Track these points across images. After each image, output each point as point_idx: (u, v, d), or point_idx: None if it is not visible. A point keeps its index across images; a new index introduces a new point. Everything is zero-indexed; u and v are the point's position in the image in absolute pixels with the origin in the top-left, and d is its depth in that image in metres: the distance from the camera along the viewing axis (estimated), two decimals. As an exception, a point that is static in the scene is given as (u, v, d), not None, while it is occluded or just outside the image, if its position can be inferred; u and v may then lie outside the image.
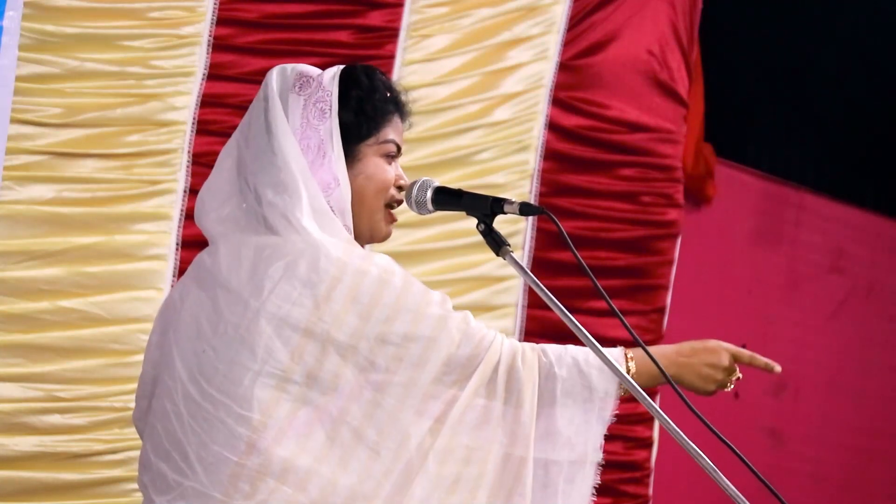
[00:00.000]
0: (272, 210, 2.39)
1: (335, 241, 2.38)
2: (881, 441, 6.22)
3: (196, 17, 3.95)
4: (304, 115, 2.45)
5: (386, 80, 2.55)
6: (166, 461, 2.38)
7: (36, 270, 3.70)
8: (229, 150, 2.50)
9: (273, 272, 2.34)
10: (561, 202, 4.66)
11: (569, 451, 2.47)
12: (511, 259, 2.45)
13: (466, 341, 2.40)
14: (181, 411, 2.37)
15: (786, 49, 5.82)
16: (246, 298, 2.35)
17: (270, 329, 2.32)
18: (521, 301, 4.54)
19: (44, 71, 3.73)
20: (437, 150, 4.40)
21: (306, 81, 2.47)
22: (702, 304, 5.45)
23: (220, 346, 2.35)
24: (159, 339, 2.49)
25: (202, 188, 2.52)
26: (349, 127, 2.47)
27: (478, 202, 2.50)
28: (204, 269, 2.44)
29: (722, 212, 5.60)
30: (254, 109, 2.49)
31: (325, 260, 2.33)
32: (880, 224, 6.28)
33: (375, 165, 2.51)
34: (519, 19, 4.58)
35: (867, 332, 6.18)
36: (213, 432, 2.33)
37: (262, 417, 2.30)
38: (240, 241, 2.41)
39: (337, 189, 2.44)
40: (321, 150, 2.44)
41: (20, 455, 3.66)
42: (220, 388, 2.33)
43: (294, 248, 2.35)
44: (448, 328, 2.39)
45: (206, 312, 2.39)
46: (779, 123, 5.97)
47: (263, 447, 2.30)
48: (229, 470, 2.31)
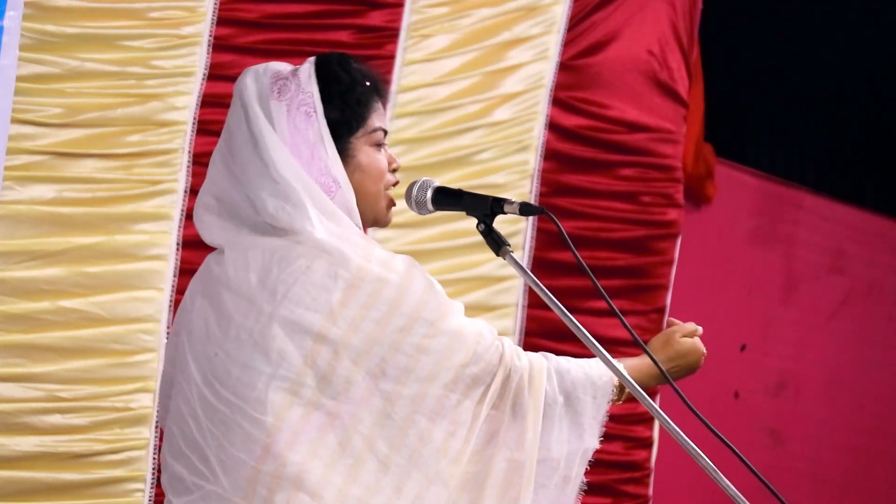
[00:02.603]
0: (276, 220, 2.37)
1: (353, 242, 2.36)
2: (881, 441, 6.22)
3: (196, 17, 3.95)
4: (289, 120, 2.40)
5: (362, 67, 2.50)
6: (183, 463, 2.37)
7: (37, 270, 3.70)
8: (214, 162, 2.46)
9: (286, 276, 2.32)
10: (561, 202, 4.66)
11: (558, 474, 2.50)
12: (511, 259, 2.45)
13: (477, 359, 2.39)
14: (198, 413, 2.36)
15: (785, 49, 5.82)
16: (259, 303, 2.33)
17: (283, 333, 2.31)
18: (522, 301, 4.55)
19: (44, 71, 3.73)
20: (437, 150, 4.40)
21: (284, 85, 2.43)
22: (702, 304, 5.45)
23: (233, 350, 2.34)
24: (174, 337, 2.49)
25: (196, 203, 2.47)
26: (336, 124, 2.44)
27: (478, 202, 2.50)
28: (210, 273, 2.43)
29: (722, 212, 5.61)
30: (232, 119, 2.44)
31: (343, 265, 2.32)
32: (880, 224, 6.29)
33: (368, 156, 2.48)
34: (519, 19, 4.59)
35: (867, 332, 6.18)
36: (230, 435, 2.32)
37: (275, 421, 2.29)
38: (247, 243, 2.39)
39: (339, 191, 2.42)
40: (314, 154, 2.41)
41: (21, 455, 3.66)
42: (234, 391, 2.33)
43: (308, 251, 2.33)
44: (462, 344, 2.38)
45: (213, 316, 2.38)
46: (779, 123, 5.97)
47: (278, 451, 2.29)
48: (247, 474, 2.30)
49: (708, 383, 5.42)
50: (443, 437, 2.35)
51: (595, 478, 4.78)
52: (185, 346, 2.42)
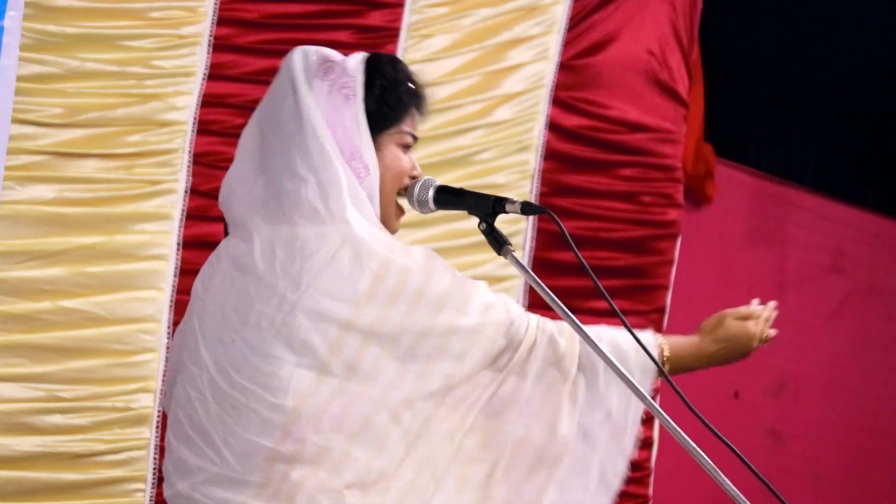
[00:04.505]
0: (312, 194, 2.37)
1: (375, 232, 2.38)
2: (881, 441, 6.22)
3: (197, 17, 3.95)
4: (329, 99, 2.43)
5: (409, 72, 2.55)
6: (189, 447, 2.39)
7: (37, 270, 3.70)
8: (252, 133, 2.48)
9: (311, 266, 2.33)
10: (561, 202, 4.66)
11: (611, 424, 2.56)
12: (512, 258, 2.46)
13: (505, 332, 2.47)
14: (207, 399, 2.37)
15: (786, 49, 5.82)
16: (281, 292, 2.34)
17: (308, 322, 2.32)
18: (523, 300, 4.54)
19: (45, 71, 3.73)
20: (437, 150, 4.40)
21: (330, 67, 2.46)
22: (702, 304, 5.43)
23: (253, 338, 2.35)
24: (185, 325, 2.49)
25: (228, 174, 2.49)
26: (371, 115, 2.46)
27: (479, 201, 2.51)
28: (233, 258, 2.42)
29: (722, 212, 5.61)
30: (279, 91, 2.46)
31: (368, 256, 2.34)
32: (880, 224, 6.29)
33: (393, 154, 2.50)
34: (519, 19, 4.59)
35: (867, 332, 6.18)
36: (242, 421, 2.33)
37: (296, 405, 2.31)
38: (273, 232, 2.39)
39: (368, 178, 2.43)
40: (347, 135, 2.43)
41: (22, 455, 3.66)
42: (251, 378, 2.34)
43: (332, 241, 2.35)
44: (490, 320, 2.44)
45: (232, 301, 2.39)
46: (779, 123, 5.98)
47: (299, 434, 2.31)
48: (264, 455, 2.32)
49: (708, 383, 5.43)
50: (465, 405, 2.43)
51: (595, 478, 4.81)
52: (196, 332, 2.43)
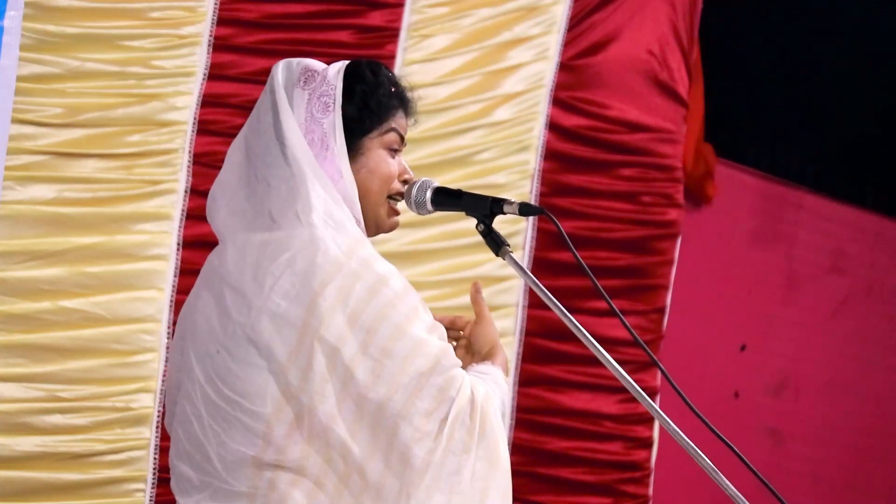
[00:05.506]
0: (280, 202, 2.39)
1: (342, 237, 2.37)
2: (881, 441, 6.22)
3: (197, 17, 3.96)
4: (308, 108, 2.45)
5: (391, 75, 2.55)
6: (188, 463, 2.40)
7: (37, 270, 3.70)
8: (238, 145, 2.50)
9: (274, 269, 2.34)
10: (561, 202, 4.67)
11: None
12: (511, 259, 2.46)
13: (442, 371, 2.34)
14: (201, 413, 2.38)
15: (786, 49, 5.82)
16: (250, 297, 2.35)
17: (272, 327, 2.32)
18: (522, 301, 4.55)
19: (45, 71, 3.73)
20: (437, 150, 4.40)
21: (311, 76, 2.48)
22: (702, 304, 5.46)
23: (232, 346, 2.35)
24: (178, 343, 2.50)
25: (213, 185, 2.51)
26: (352, 121, 2.47)
27: (477, 202, 2.51)
28: (212, 270, 2.45)
29: (722, 212, 5.60)
30: (261, 103, 2.49)
31: (322, 256, 2.33)
32: (880, 224, 6.28)
33: (378, 158, 2.51)
34: (519, 19, 4.59)
35: (867, 332, 6.18)
36: (231, 431, 2.34)
37: (274, 412, 2.31)
38: (246, 240, 2.41)
39: (341, 181, 2.44)
40: (324, 144, 2.44)
41: (22, 455, 3.66)
42: (233, 387, 2.34)
43: (296, 243, 2.35)
44: (425, 353, 2.33)
45: (215, 313, 2.40)
46: (779, 123, 5.97)
47: (279, 444, 2.31)
48: (250, 464, 2.32)
49: (708, 383, 5.44)
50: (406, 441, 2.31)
51: (595, 478, 4.83)
52: (189, 348, 2.44)
